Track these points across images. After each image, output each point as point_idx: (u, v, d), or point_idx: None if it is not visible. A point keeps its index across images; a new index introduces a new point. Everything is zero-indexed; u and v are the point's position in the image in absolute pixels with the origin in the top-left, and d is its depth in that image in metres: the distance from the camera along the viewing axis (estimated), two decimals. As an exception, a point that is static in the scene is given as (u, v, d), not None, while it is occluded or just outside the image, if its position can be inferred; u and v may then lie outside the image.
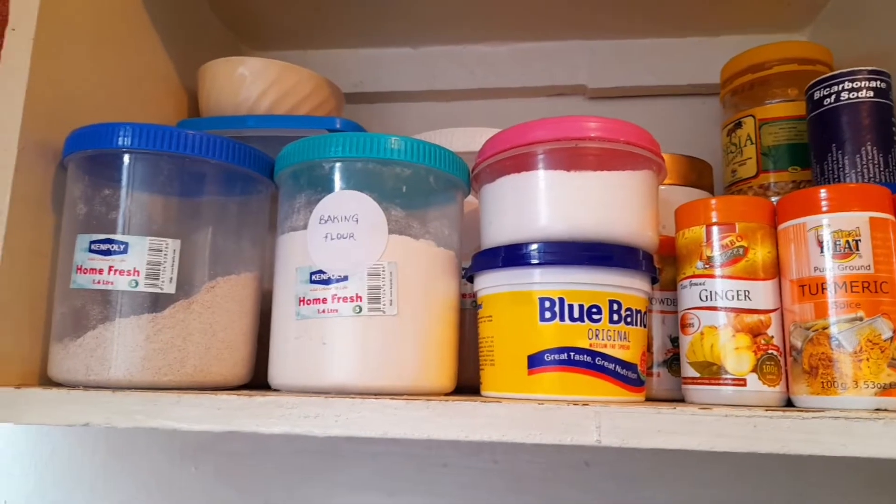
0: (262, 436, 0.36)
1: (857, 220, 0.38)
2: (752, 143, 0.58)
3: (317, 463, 0.66)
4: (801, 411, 0.33)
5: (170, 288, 0.40)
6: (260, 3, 0.69)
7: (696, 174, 0.57)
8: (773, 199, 0.56)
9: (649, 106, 0.74)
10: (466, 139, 0.56)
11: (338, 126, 0.55)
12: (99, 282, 0.39)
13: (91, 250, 0.40)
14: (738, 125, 0.59)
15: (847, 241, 0.38)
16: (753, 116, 0.58)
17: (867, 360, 0.37)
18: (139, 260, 0.39)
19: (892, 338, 0.37)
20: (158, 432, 0.37)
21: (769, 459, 0.62)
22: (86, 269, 0.40)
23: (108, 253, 0.39)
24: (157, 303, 0.40)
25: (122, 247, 0.39)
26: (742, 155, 0.59)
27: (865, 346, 0.37)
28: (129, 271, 0.39)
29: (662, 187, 0.55)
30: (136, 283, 0.39)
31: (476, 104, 0.77)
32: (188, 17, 0.66)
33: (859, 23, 0.61)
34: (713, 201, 0.43)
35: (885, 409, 0.36)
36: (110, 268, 0.39)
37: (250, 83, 0.58)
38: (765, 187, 0.57)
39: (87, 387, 0.39)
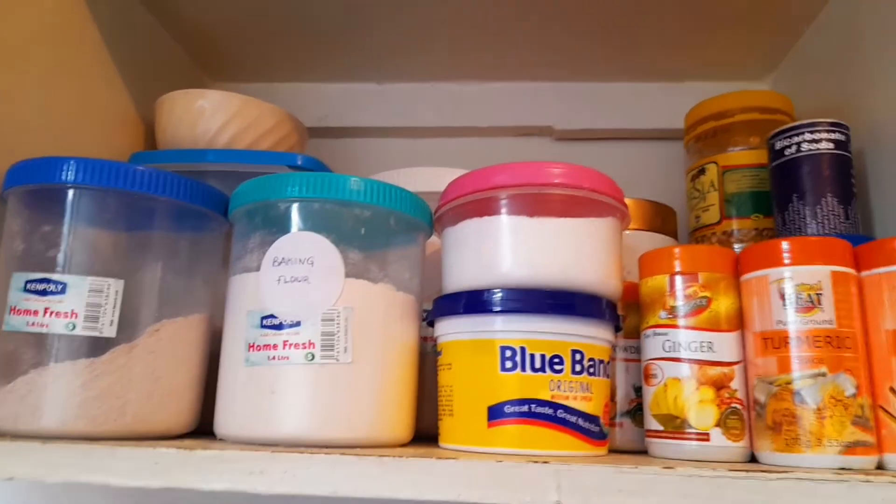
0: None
1: (820, 273, 0.38)
2: (714, 190, 0.58)
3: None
4: (766, 471, 0.32)
5: (110, 332, 0.38)
6: (224, 35, 0.68)
7: (661, 220, 0.57)
8: (737, 245, 0.56)
9: (616, 148, 0.74)
10: (431, 179, 0.55)
11: (299, 162, 0.54)
12: (34, 324, 0.37)
13: (27, 290, 0.37)
14: (702, 171, 0.60)
15: (809, 295, 0.38)
16: (716, 163, 0.59)
17: (831, 416, 0.36)
18: (78, 301, 0.37)
19: (855, 394, 0.36)
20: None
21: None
22: (20, 309, 0.37)
23: (44, 293, 0.37)
24: (96, 347, 0.38)
25: (59, 287, 0.37)
26: (705, 201, 0.59)
27: (829, 402, 0.36)
28: (66, 313, 0.37)
29: (627, 232, 0.55)
30: (74, 326, 0.37)
31: (442, 142, 0.76)
32: (148, 48, 0.64)
33: (818, 72, 0.62)
34: (676, 250, 0.43)
35: (850, 469, 0.35)
36: (46, 309, 0.37)
37: (210, 116, 0.56)
38: (728, 234, 0.57)
39: (16, 436, 0.36)
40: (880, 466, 0.37)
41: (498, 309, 0.39)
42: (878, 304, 0.38)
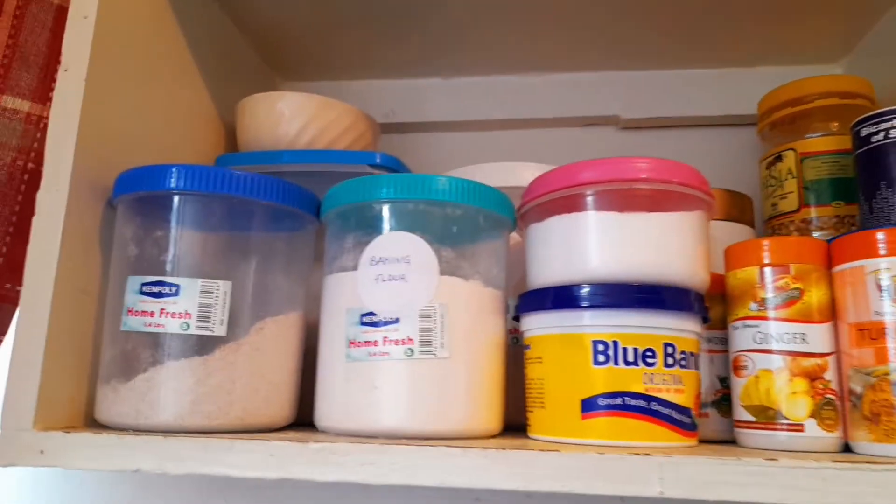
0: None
1: (919, 264, 0.37)
2: (793, 177, 0.57)
3: (346, 496, 0.65)
4: (870, 462, 0.33)
5: (221, 330, 0.40)
6: (292, 34, 0.70)
7: (738, 209, 0.56)
8: (816, 233, 0.55)
9: (682, 136, 0.74)
10: (505, 174, 0.56)
11: (378, 161, 0.55)
12: (150, 324, 0.39)
13: (142, 292, 0.40)
14: (779, 158, 0.59)
15: (909, 286, 0.37)
16: (794, 150, 0.58)
17: (933, 408, 0.36)
18: (191, 302, 0.39)
19: (958, 385, 0.36)
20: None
21: None
22: (137, 311, 0.39)
23: (159, 295, 0.39)
24: (206, 345, 0.40)
25: (173, 289, 0.39)
26: (783, 188, 0.58)
27: (931, 394, 0.36)
28: (180, 314, 0.39)
29: (704, 222, 0.55)
30: (188, 326, 0.39)
31: (507, 134, 0.77)
32: (226, 52, 0.66)
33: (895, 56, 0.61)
34: (766, 242, 0.42)
35: (954, 460, 0.35)
36: (162, 310, 0.39)
37: (289, 118, 0.58)
38: (807, 221, 0.56)
39: (138, 431, 0.38)
40: (985, 458, 0.37)
41: (587, 304, 0.40)
42: (981, 294, 0.37)
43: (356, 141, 0.60)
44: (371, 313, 0.40)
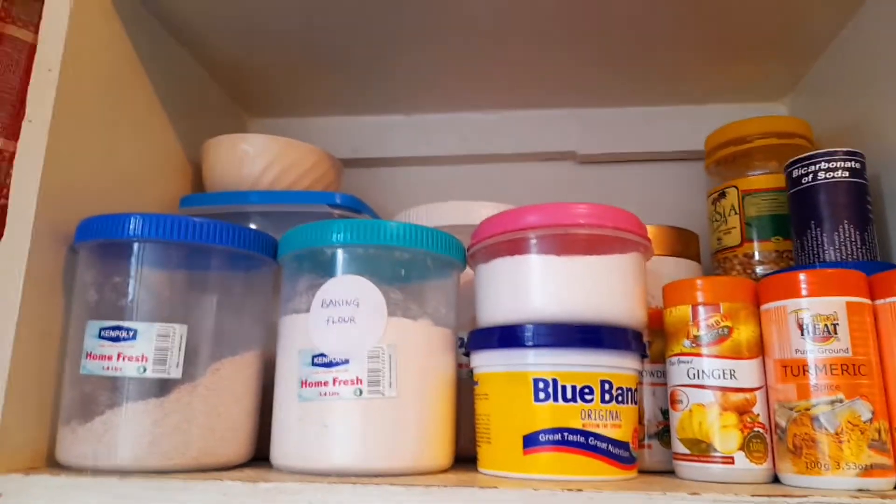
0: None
1: (835, 304, 0.40)
2: (735, 213, 0.60)
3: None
4: (787, 495, 0.35)
5: (176, 373, 0.41)
6: (260, 73, 0.72)
7: (683, 244, 0.59)
8: (759, 268, 0.58)
9: (638, 170, 0.77)
10: (460, 213, 0.58)
11: (337, 201, 0.57)
12: (108, 368, 0.41)
13: (101, 336, 0.41)
14: (723, 195, 0.62)
15: (825, 325, 0.40)
16: (737, 187, 0.61)
17: (848, 441, 0.38)
18: (147, 346, 0.41)
19: (871, 419, 0.38)
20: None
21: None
22: (96, 355, 0.41)
23: (117, 339, 0.41)
24: (163, 387, 0.41)
25: (131, 333, 0.41)
26: (727, 224, 0.61)
27: (846, 427, 0.38)
28: (137, 357, 0.41)
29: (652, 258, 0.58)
30: (145, 369, 0.41)
31: (469, 169, 0.79)
32: (194, 92, 0.68)
33: (834, 96, 0.64)
34: (699, 282, 0.45)
35: (867, 490, 0.37)
36: (119, 354, 0.41)
37: (253, 158, 0.60)
38: (749, 256, 0.59)
39: (95, 471, 0.40)
40: (898, 487, 0.39)
41: (530, 343, 0.42)
42: (893, 332, 0.40)
43: (319, 180, 0.62)
44: (322, 354, 0.42)
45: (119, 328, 0.41)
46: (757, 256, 0.59)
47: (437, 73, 0.71)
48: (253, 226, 0.59)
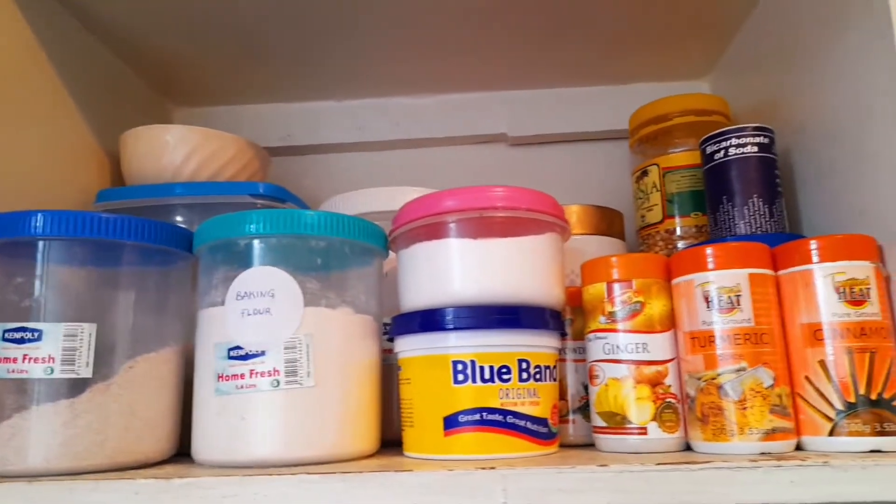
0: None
1: (738, 276, 0.41)
2: (657, 190, 0.62)
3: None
4: (690, 462, 0.36)
5: (86, 372, 0.40)
6: (184, 62, 0.70)
7: (607, 223, 0.60)
8: (680, 243, 0.60)
9: (568, 151, 0.78)
10: (388, 198, 0.58)
11: (260, 191, 0.57)
12: (13, 371, 0.39)
13: (5, 339, 0.40)
14: (645, 173, 0.63)
15: (729, 297, 0.41)
16: (657, 165, 0.62)
17: (751, 407, 0.40)
18: (54, 346, 0.40)
19: (773, 385, 0.40)
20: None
21: None
22: (0, 357, 0.40)
23: (21, 341, 0.40)
24: (74, 387, 0.40)
25: (36, 334, 0.40)
26: (649, 201, 0.62)
27: (749, 394, 0.40)
28: (44, 358, 0.40)
29: (575, 237, 0.58)
30: (52, 370, 0.39)
31: (402, 153, 0.79)
32: (110, 84, 0.66)
33: (749, 73, 0.66)
34: (613, 259, 0.46)
35: (770, 453, 0.39)
36: (25, 356, 0.39)
37: (173, 149, 0.59)
38: (671, 232, 0.60)
39: (3, 477, 0.39)
40: (799, 448, 0.41)
41: (448, 326, 0.43)
42: (794, 301, 0.42)
43: (242, 170, 0.61)
44: (238, 347, 0.41)
45: (23, 329, 0.40)
46: (678, 232, 0.60)
47: (367, 59, 0.71)
48: (179, 218, 0.58)
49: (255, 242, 0.43)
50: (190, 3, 0.59)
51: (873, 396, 0.39)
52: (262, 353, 0.41)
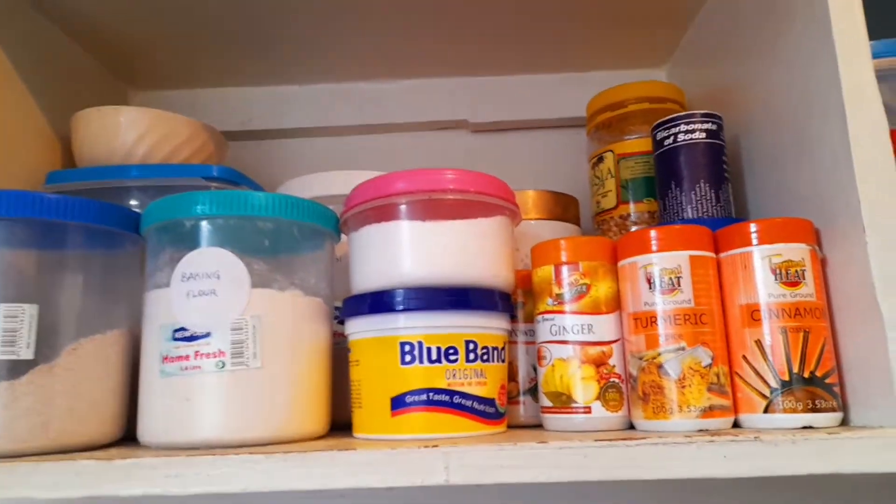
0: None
1: (679, 258, 0.42)
2: (612, 176, 0.62)
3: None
4: (627, 439, 0.37)
5: (28, 354, 0.40)
6: (142, 44, 0.69)
7: (563, 208, 0.61)
8: (634, 228, 0.60)
9: (528, 138, 0.78)
10: (343, 182, 0.58)
11: (214, 174, 0.56)
12: (-49, 352, 0.39)
13: (-58, 320, 0.39)
14: (601, 159, 0.64)
15: (671, 278, 0.42)
16: (612, 151, 0.63)
17: (689, 385, 0.41)
18: (-7, 328, 0.39)
19: (711, 364, 0.41)
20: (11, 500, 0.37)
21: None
22: (-63, 339, 0.39)
23: (-41, 323, 0.39)
24: (16, 369, 0.40)
25: (-26, 315, 0.39)
26: (604, 187, 0.63)
27: (688, 373, 0.41)
28: (-18, 340, 0.39)
29: (531, 222, 0.59)
30: (-9, 352, 0.39)
31: (364, 139, 0.79)
32: (62, 66, 0.65)
33: (704, 62, 0.67)
34: (562, 242, 0.46)
35: (707, 430, 0.40)
36: (-37, 337, 0.39)
37: (124, 131, 0.58)
38: (624, 217, 0.61)
39: (-58, 460, 0.38)
40: (737, 425, 0.42)
41: (397, 308, 0.43)
42: (734, 282, 0.43)
43: (196, 153, 0.61)
44: (183, 328, 0.41)
45: (-38, 310, 0.39)
46: (632, 217, 0.61)
47: (328, 43, 0.70)
48: (133, 202, 0.57)
49: (202, 223, 0.43)
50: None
51: (806, 375, 0.40)
52: (208, 335, 0.41)
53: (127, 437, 0.46)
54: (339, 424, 0.48)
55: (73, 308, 0.43)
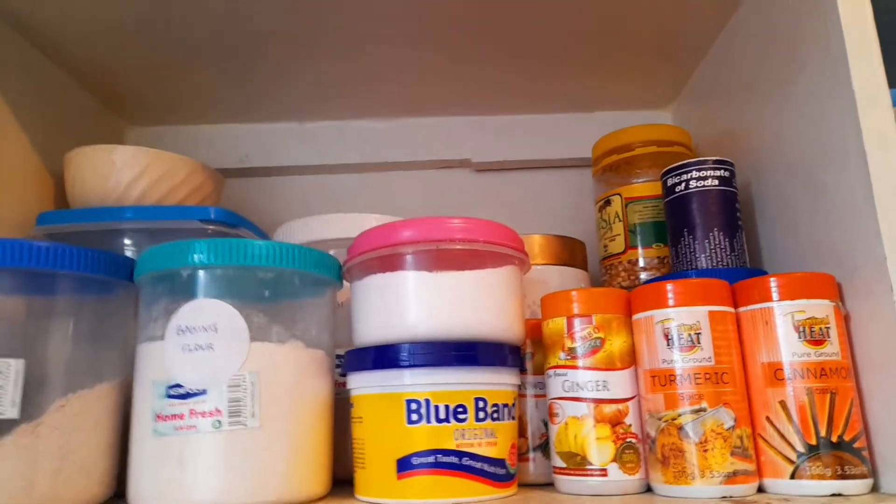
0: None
1: (698, 314, 0.41)
2: (619, 220, 0.61)
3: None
4: (650, 509, 0.35)
5: (13, 413, 0.37)
6: (139, 80, 0.68)
7: (569, 253, 0.59)
8: (643, 274, 0.59)
9: (532, 177, 0.77)
10: (346, 225, 0.56)
11: (212, 216, 0.54)
12: (-71, 411, 0.36)
13: (-79, 376, 0.37)
14: (608, 202, 0.63)
15: (690, 335, 0.40)
16: (620, 195, 0.61)
17: (712, 449, 0.39)
18: (-24, 385, 0.37)
19: (734, 426, 0.39)
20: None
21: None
22: (-86, 397, 0.37)
23: (-61, 379, 0.37)
24: (-2, 428, 0.37)
25: (-45, 372, 0.37)
26: (612, 231, 0.62)
27: (710, 436, 0.39)
28: (-36, 398, 0.37)
29: (537, 267, 0.57)
30: (-28, 411, 0.37)
31: (364, 177, 0.78)
32: (53, 98, 0.63)
33: (711, 104, 0.66)
34: (574, 293, 0.45)
35: (731, 497, 0.38)
36: (-58, 396, 0.37)
37: (119, 170, 0.56)
38: (633, 262, 0.60)
39: (-84, 528, 0.36)
40: (761, 490, 0.40)
41: (402, 363, 0.41)
42: (754, 339, 0.41)
43: (194, 193, 0.59)
44: (178, 385, 0.39)
45: (-58, 366, 0.37)
46: (641, 263, 0.60)
47: (328, 81, 0.69)
48: (127, 241, 0.55)
49: (200, 273, 0.41)
50: (144, 20, 0.57)
51: (834, 439, 0.38)
52: (203, 392, 0.39)
53: (117, 493, 0.43)
54: (340, 480, 0.46)
55: (62, 361, 0.41)
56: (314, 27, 0.59)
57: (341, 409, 0.46)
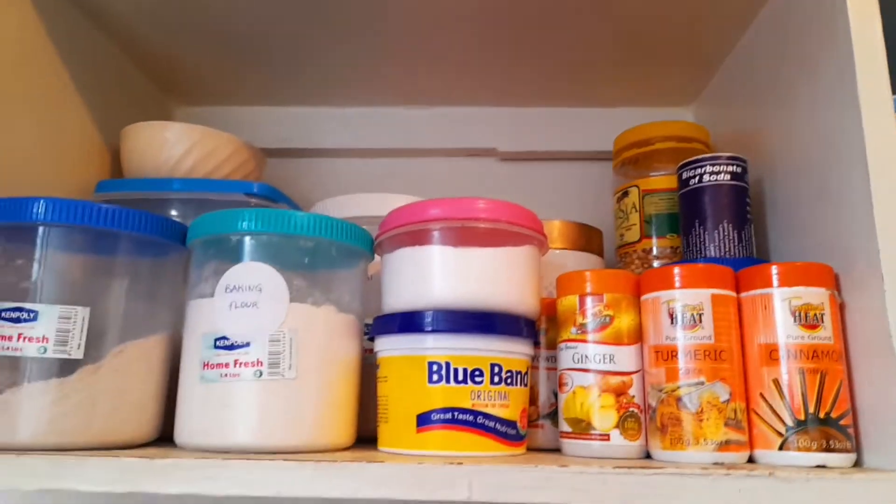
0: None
1: (701, 296, 0.44)
2: (636, 211, 0.64)
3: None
4: (645, 467, 0.38)
5: (78, 354, 0.42)
6: (187, 61, 0.72)
7: (586, 239, 0.62)
8: (656, 262, 0.62)
9: (555, 168, 0.80)
10: (377, 204, 0.60)
11: (254, 190, 0.59)
12: (8, 348, 0.41)
13: (2, 318, 0.42)
14: (626, 194, 0.66)
15: (692, 314, 0.44)
16: (638, 187, 0.64)
17: (707, 419, 0.42)
18: (49, 327, 0.42)
19: (729, 400, 0.42)
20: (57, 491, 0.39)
21: None
22: (-5, 335, 0.42)
23: (18, 321, 0.41)
24: (65, 367, 0.42)
25: (32, 315, 0.42)
26: (628, 221, 0.65)
27: (706, 407, 0.42)
28: (38, 338, 0.41)
29: (556, 251, 0.61)
30: (45, 350, 0.41)
31: (395, 161, 0.82)
32: (112, 76, 0.68)
33: (731, 103, 0.69)
34: (587, 273, 0.48)
35: (722, 463, 0.41)
36: (20, 335, 0.41)
37: (171, 146, 0.61)
38: (647, 251, 0.63)
39: (-2, 450, 0.40)
40: (752, 460, 0.43)
41: (427, 329, 0.45)
42: (753, 322, 0.44)
43: (237, 169, 0.63)
44: (224, 337, 0.43)
45: (20, 309, 0.42)
46: (654, 252, 0.63)
47: (366, 68, 0.73)
48: (174, 213, 0.60)
49: (247, 239, 0.45)
50: (195, 5, 0.62)
51: (821, 415, 0.41)
52: (247, 345, 0.43)
53: (162, 437, 0.48)
54: (363, 438, 0.50)
55: (120, 312, 0.45)
56: (355, 17, 0.63)
57: (368, 373, 0.51)
